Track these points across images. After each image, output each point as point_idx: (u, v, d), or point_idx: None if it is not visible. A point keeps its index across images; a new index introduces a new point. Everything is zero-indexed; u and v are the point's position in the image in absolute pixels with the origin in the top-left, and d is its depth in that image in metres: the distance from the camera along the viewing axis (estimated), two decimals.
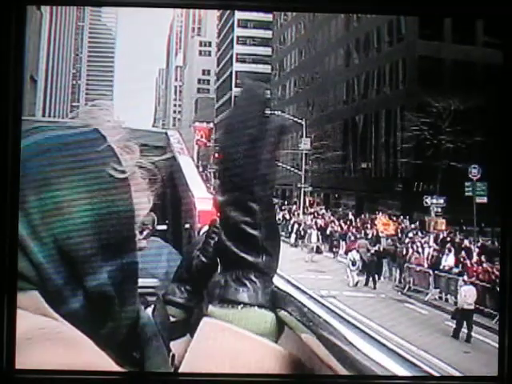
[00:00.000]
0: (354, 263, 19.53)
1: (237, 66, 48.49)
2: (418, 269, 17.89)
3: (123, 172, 1.24)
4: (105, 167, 1.23)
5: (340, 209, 29.40)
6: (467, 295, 14.51)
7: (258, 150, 1.24)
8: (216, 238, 1.51)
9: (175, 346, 1.41)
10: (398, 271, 18.68)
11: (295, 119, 31.38)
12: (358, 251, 20.40)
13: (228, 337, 1.12)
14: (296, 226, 24.81)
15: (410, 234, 21.61)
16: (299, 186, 31.25)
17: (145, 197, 1.34)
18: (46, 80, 59.39)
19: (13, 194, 1.15)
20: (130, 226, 1.26)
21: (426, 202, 22.42)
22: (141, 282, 1.34)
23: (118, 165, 1.25)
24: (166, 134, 5.18)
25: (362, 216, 26.28)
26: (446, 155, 24.04)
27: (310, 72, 37.20)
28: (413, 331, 13.41)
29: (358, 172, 31.02)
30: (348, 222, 25.11)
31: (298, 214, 28.02)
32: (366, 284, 18.97)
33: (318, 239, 23.18)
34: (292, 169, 31.67)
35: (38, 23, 42.77)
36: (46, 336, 1.07)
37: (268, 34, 46.62)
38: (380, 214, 26.36)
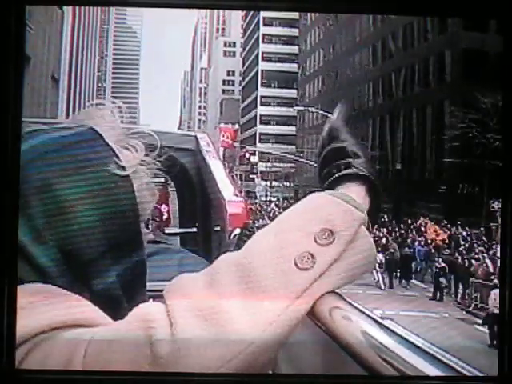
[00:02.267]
0: (380, 265, 18.39)
1: (262, 65, 46.28)
2: (485, 283, 15.09)
3: (124, 169, 1.18)
4: (105, 166, 1.18)
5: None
6: (497, 299, 12.16)
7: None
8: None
9: None
10: (461, 286, 15.97)
11: (328, 114, 28.66)
12: (382, 252, 19.21)
13: (323, 201, 1.15)
14: None
15: (463, 242, 18.95)
16: None
17: (149, 195, 1.26)
18: (69, 81, 58.44)
19: (13, 193, 1.12)
20: (136, 224, 1.22)
21: (493, 207, 19.50)
22: (150, 285, 1.31)
23: (119, 162, 1.19)
24: (196, 136, 4.99)
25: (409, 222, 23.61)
26: (495, 154, 21.28)
27: (344, 67, 34.61)
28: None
29: (395, 173, 28.37)
30: (392, 230, 22.52)
31: None
32: (391, 286, 18.12)
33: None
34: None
35: (59, 22, 40.92)
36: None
37: (294, 31, 44.51)
38: (422, 219, 23.90)
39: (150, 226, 1.40)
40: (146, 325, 1.02)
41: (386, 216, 26.26)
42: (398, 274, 18.86)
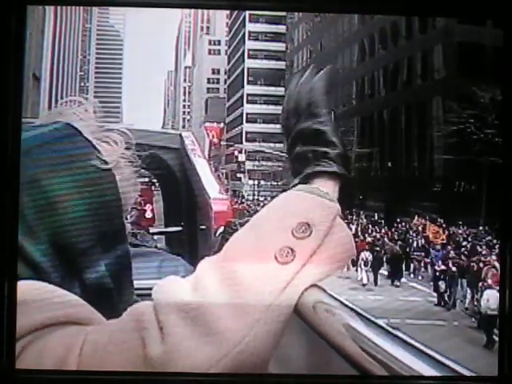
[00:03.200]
0: (366, 263, 18.33)
1: (249, 63, 45.33)
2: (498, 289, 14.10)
3: (106, 162, 1.22)
4: (87, 160, 1.21)
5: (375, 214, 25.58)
6: (490, 299, 13.09)
7: None
8: None
9: None
10: (469, 291, 15.00)
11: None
12: (369, 250, 19.01)
13: (302, 198, 1.15)
14: None
15: (464, 243, 18.02)
16: None
17: (131, 187, 1.30)
18: (51, 80, 57.76)
19: (12, 192, 1.13)
20: (120, 216, 1.25)
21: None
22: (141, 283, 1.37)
23: (100, 156, 1.23)
24: (181, 135, 5.40)
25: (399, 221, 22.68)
26: (494, 151, 20.39)
27: (332, 63, 33.63)
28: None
29: (387, 171, 27.42)
30: (385, 229, 21.55)
31: None
32: (375, 282, 17.61)
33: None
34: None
35: (40, 20, 40.01)
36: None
37: (281, 28, 43.62)
38: (416, 218, 23.02)
39: (129, 218, 1.28)
40: (139, 325, 1.03)
41: (376, 215, 25.41)
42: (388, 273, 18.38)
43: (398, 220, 23.23)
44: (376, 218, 24.60)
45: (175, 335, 1.01)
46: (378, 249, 19.22)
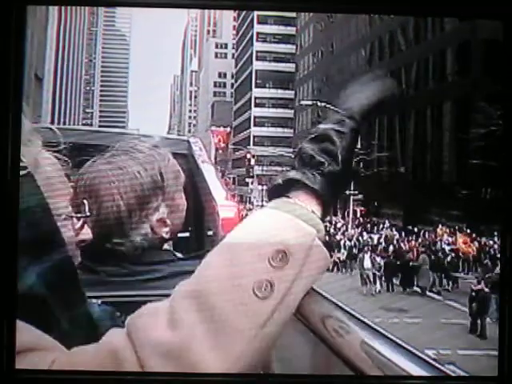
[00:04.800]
0: (379, 269, 17.54)
1: (257, 65, 43.74)
2: None
3: (24, 168, 1.15)
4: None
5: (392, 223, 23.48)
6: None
7: None
8: None
9: None
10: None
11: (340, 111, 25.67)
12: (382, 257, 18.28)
13: (278, 220, 1.08)
14: (347, 243, 19.21)
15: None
16: (347, 193, 25.24)
17: (60, 189, 1.26)
18: (54, 82, 56.71)
19: (13, 190, 1.11)
20: (48, 220, 1.18)
21: None
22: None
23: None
24: (188, 141, 3.64)
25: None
26: None
27: (348, 61, 31.67)
28: None
29: (408, 176, 25.35)
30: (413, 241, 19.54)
31: (346, 229, 22.05)
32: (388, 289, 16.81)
33: (374, 265, 17.50)
34: None
35: (43, 17, 38.27)
36: None
37: (291, 30, 41.93)
38: (440, 227, 21.28)
39: (79, 222, 1.26)
40: (116, 362, 1.02)
41: (396, 222, 23.44)
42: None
43: (421, 229, 21.36)
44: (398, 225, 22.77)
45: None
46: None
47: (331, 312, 1.12)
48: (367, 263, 17.62)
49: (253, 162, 37.92)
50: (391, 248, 18.74)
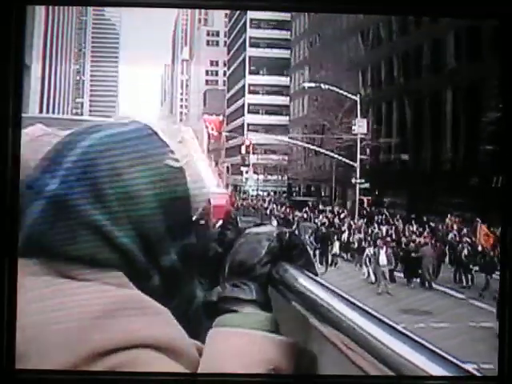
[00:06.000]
0: (370, 260, 16.74)
1: (251, 51, 42.32)
2: None
3: (177, 161, 1.27)
4: (162, 159, 1.26)
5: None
6: None
7: None
8: (231, 228, 1.48)
9: None
10: None
11: (348, 94, 24.05)
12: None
13: (237, 340, 1.16)
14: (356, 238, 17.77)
15: None
16: (353, 181, 23.57)
17: (201, 186, 1.34)
18: (43, 71, 55.24)
19: (12, 190, 1.09)
20: (187, 211, 1.29)
21: None
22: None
23: (173, 155, 1.28)
24: (179, 129, 1.98)
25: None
26: None
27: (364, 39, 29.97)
28: None
29: (418, 164, 23.83)
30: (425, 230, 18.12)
31: (352, 221, 20.47)
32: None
33: (390, 261, 16.12)
34: (343, 159, 24.27)
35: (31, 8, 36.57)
36: (131, 306, 1.12)
37: (285, 16, 40.31)
38: (449, 217, 20.16)
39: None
40: None
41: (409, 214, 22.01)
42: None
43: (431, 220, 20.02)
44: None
45: None
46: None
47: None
48: (383, 259, 16.12)
49: (248, 149, 36.43)
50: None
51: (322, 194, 29.80)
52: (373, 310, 0.95)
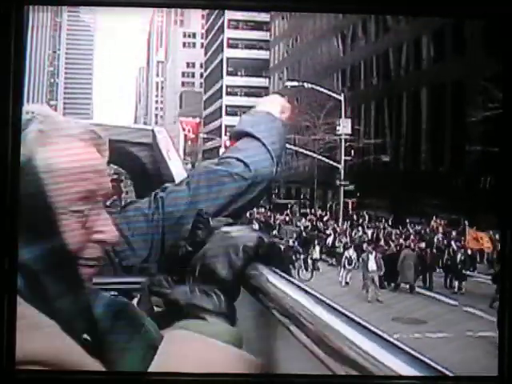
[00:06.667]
0: (349, 262, 16.51)
1: (228, 53, 41.69)
2: None
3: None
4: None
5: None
6: None
7: None
8: (202, 228, 1.44)
9: None
10: None
11: (331, 93, 23.47)
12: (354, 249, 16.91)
13: (198, 344, 1.15)
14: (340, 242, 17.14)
15: None
16: (338, 183, 22.89)
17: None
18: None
19: (13, 189, 1.14)
20: (48, 209, 1.19)
21: None
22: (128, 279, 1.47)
23: None
24: (153, 130, 5.02)
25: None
26: None
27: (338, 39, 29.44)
28: None
29: (401, 164, 23.34)
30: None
31: (337, 225, 19.74)
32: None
33: (380, 267, 15.56)
34: (327, 160, 23.55)
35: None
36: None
37: (264, 17, 39.87)
38: (434, 219, 19.80)
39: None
40: None
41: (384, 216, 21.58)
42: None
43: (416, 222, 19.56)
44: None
45: None
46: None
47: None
48: (372, 264, 15.47)
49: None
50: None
51: (302, 197, 29.30)
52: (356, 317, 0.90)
